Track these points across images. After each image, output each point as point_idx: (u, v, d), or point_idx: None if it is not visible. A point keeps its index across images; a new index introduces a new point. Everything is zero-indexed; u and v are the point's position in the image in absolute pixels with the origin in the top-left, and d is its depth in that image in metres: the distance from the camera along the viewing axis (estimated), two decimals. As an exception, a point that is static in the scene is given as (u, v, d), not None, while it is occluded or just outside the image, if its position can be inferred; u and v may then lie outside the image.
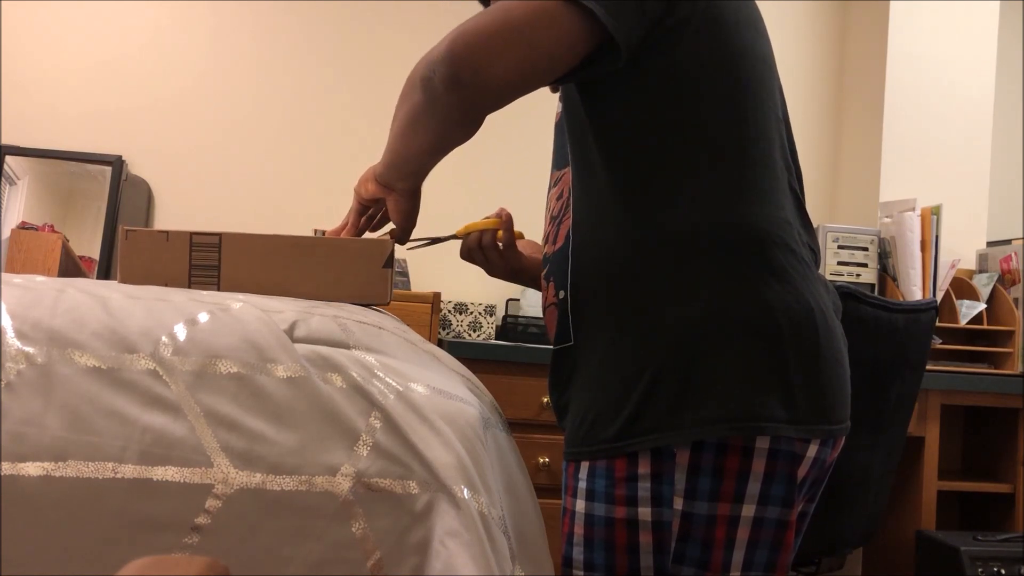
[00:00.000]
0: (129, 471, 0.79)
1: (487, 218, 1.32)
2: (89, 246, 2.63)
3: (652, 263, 1.02)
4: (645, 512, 1.00)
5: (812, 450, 1.01)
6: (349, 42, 2.89)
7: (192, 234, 1.13)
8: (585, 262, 1.08)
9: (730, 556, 0.99)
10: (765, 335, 0.98)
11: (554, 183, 1.20)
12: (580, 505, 1.04)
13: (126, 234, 1.12)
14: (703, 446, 0.98)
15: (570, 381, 1.10)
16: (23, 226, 2.54)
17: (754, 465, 0.98)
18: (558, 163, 1.19)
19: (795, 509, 1.01)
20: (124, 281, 1.09)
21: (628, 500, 1.00)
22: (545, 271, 1.18)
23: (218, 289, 1.11)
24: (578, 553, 1.04)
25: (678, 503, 0.99)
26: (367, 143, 2.84)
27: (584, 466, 1.04)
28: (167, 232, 1.13)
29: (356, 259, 1.14)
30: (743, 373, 0.97)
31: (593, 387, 1.05)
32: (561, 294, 1.11)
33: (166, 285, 1.10)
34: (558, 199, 1.17)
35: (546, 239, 1.20)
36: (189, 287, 1.11)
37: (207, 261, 1.12)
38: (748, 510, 0.99)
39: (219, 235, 1.13)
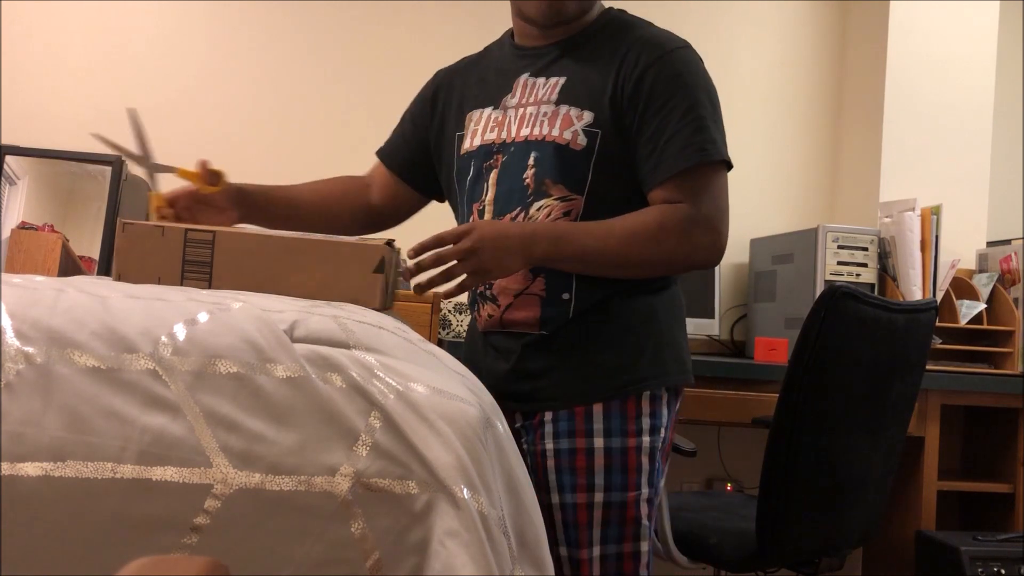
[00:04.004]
0: (128, 471, 0.79)
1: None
2: (89, 246, 2.62)
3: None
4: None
5: None
6: (349, 41, 2.89)
7: (187, 230, 1.12)
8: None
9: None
10: (682, 316, 1.52)
11: (557, 198, 1.40)
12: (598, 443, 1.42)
13: (123, 227, 1.11)
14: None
15: (564, 354, 1.43)
16: (23, 226, 2.54)
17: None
18: (572, 187, 1.40)
19: None
20: (120, 274, 1.09)
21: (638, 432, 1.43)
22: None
23: (209, 286, 1.10)
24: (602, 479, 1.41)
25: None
26: (367, 143, 2.83)
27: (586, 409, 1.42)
28: (163, 227, 1.12)
29: (347, 262, 1.13)
30: (683, 342, 1.50)
31: (606, 351, 1.42)
32: (565, 296, 1.41)
33: (159, 281, 1.09)
34: (564, 215, 1.40)
35: None
36: (181, 283, 1.11)
37: (200, 257, 1.11)
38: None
39: (213, 232, 1.12)
